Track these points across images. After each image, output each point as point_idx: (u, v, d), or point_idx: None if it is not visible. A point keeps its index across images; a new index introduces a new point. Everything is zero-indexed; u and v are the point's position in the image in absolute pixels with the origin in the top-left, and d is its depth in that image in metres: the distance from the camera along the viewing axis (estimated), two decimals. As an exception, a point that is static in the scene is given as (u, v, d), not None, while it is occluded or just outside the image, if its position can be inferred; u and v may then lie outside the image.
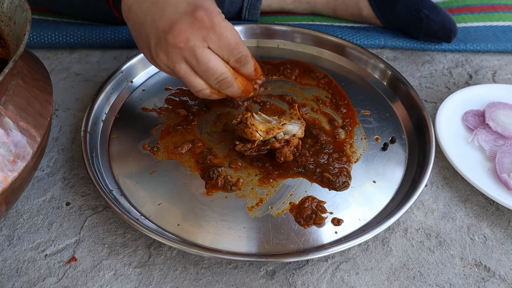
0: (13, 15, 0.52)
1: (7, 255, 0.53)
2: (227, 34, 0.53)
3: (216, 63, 0.54)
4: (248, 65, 0.58)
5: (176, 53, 0.53)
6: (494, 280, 0.52)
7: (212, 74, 0.55)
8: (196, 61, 0.53)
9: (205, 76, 0.55)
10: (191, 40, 0.52)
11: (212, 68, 0.54)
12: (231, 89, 0.58)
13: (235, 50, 0.54)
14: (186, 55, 0.53)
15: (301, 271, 0.52)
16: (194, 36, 0.52)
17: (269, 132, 0.58)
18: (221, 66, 0.55)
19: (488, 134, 0.66)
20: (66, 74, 0.76)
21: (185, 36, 0.52)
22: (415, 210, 0.59)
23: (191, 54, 0.53)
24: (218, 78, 0.55)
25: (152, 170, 0.60)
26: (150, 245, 0.54)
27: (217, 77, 0.55)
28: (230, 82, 0.57)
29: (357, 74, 0.75)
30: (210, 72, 0.54)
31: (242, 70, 0.58)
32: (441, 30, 0.79)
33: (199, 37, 0.52)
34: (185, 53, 0.53)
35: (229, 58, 0.55)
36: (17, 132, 0.48)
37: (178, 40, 0.52)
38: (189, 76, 0.55)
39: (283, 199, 0.57)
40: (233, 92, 0.58)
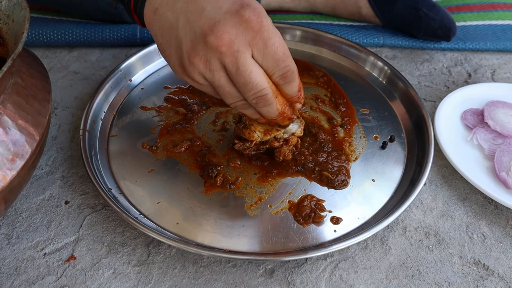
0: (12, 13, 0.52)
1: (6, 253, 0.53)
2: (274, 41, 0.46)
3: (258, 77, 0.46)
4: (293, 84, 0.49)
5: (216, 58, 0.46)
6: (492, 279, 0.52)
7: (251, 89, 0.47)
8: (235, 71, 0.46)
9: (242, 90, 0.47)
10: (235, 43, 0.45)
11: (253, 82, 0.46)
12: (268, 109, 0.50)
13: (282, 62, 0.47)
14: (226, 62, 0.46)
15: (300, 269, 0.52)
16: (239, 40, 0.45)
17: (267, 133, 0.58)
18: (263, 81, 0.47)
19: (487, 132, 0.66)
20: (65, 72, 0.76)
21: (228, 38, 0.44)
22: (414, 209, 0.59)
23: (232, 61, 0.45)
24: (257, 94, 0.47)
25: (151, 169, 0.60)
26: (149, 243, 0.54)
27: (256, 93, 0.47)
28: (269, 100, 0.49)
29: (356, 73, 0.75)
30: (249, 86, 0.47)
31: (285, 89, 0.49)
32: (440, 28, 0.79)
33: (244, 41, 0.45)
34: (226, 59, 0.45)
35: (274, 72, 0.47)
36: (15, 130, 0.48)
37: (220, 42, 0.44)
38: (227, 88, 0.48)
39: (282, 198, 0.57)
40: (269, 112, 0.50)
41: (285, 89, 0.49)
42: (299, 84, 0.51)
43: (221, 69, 0.47)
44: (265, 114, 0.51)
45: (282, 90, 0.50)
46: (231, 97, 0.49)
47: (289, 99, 0.51)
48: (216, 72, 0.47)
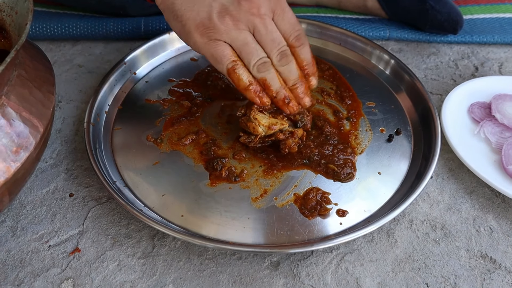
0: (15, 5, 0.52)
1: (11, 246, 0.53)
2: (289, 10, 0.56)
3: (280, 35, 0.55)
4: (306, 48, 0.57)
5: (247, 19, 0.54)
6: (499, 272, 0.52)
7: (278, 44, 0.55)
8: (265, 29, 0.54)
9: (270, 46, 0.55)
10: (262, 8, 0.54)
11: (278, 39, 0.55)
12: (290, 67, 0.56)
13: (296, 26, 0.56)
14: (256, 22, 0.54)
15: (306, 262, 0.52)
16: (265, 5, 0.54)
17: (272, 127, 0.57)
18: (282, 39, 0.55)
19: (494, 126, 0.65)
20: (69, 66, 0.76)
21: (258, 3, 0.53)
22: (420, 202, 0.58)
23: (261, 22, 0.54)
24: (281, 49, 0.55)
25: (155, 162, 0.59)
26: (153, 236, 0.54)
27: (280, 48, 0.55)
28: (289, 57, 0.56)
29: (362, 66, 0.74)
30: (276, 42, 0.55)
31: (300, 52, 0.57)
32: (447, 21, 0.78)
33: (269, 7, 0.54)
34: (255, 20, 0.54)
35: (290, 34, 0.56)
36: (19, 122, 0.47)
37: (252, 5, 0.53)
38: (252, 44, 0.54)
39: (287, 190, 0.56)
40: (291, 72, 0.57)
41: (299, 51, 0.57)
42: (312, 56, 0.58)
43: (247, 28, 0.54)
44: (287, 75, 0.56)
45: (297, 54, 0.57)
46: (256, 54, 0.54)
47: (303, 68, 0.58)
48: (243, 30, 0.54)
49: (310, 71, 0.58)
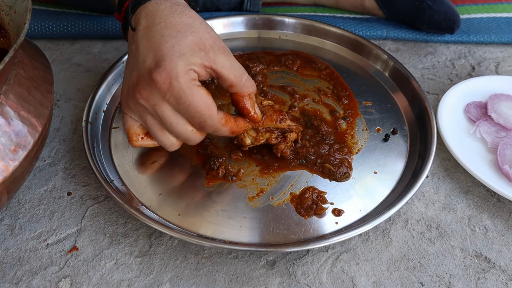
0: (14, 4, 0.52)
1: (9, 244, 0.53)
2: (185, 100, 0.48)
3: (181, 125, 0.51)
4: (220, 132, 0.53)
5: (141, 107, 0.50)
6: (494, 271, 0.52)
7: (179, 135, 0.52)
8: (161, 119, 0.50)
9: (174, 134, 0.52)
10: (150, 99, 0.49)
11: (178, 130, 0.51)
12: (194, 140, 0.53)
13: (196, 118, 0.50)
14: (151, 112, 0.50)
15: (302, 261, 0.52)
16: (153, 97, 0.49)
17: (258, 139, 0.57)
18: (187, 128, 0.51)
19: (490, 125, 0.66)
20: (68, 64, 0.76)
21: (145, 95, 0.49)
22: (416, 201, 0.59)
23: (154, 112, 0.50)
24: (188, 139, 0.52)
25: (153, 161, 0.60)
26: (151, 234, 0.54)
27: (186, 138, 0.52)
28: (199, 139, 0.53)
29: (359, 65, 0.75)
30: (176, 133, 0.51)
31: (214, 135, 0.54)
32: (444, 21, 0.79)
33: (157, 98, 0.49)
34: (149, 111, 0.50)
35: (193, 123, 0.51)
36: (18, 121, 0.48)
37: (139, 96, 0.49)
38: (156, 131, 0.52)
39: (283, 190, 0.57)
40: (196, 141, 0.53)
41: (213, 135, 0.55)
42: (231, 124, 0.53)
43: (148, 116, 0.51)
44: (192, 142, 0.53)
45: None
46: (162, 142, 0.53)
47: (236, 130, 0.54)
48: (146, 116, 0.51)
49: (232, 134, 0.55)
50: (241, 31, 0.80)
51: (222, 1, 0.84)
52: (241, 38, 0.79)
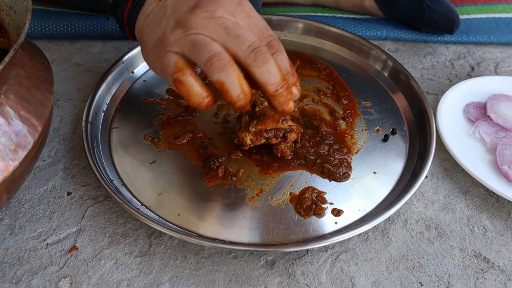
0: (14, 4, 0.52)
1: (8, 244, 0.53)
2: (255, 14, 0.48)
3: (248, 31, 0.46)
4: (282, 55, 0.48)
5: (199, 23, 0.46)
6: (493, 271, 0.52)
7: (245, 40, 0.45)
8: (224, 29, 0.45)
9: (236, 44, 0.45)
10: (218, 11, 0.45)
11: (245, 34, 0.45)
12: (268, 67, 0.45)
13: (266, 31, 0.47)
14: (211, 25, 0.45)
15: (301, 261, 0.52)
16: (222, 9, 0.46)
17: (259, 139, 0.57)
18: (254, 36, 0.46)
19: (489, 126, 0.66)
20: (67, 64, 0.76)
21: (213, 8, 0.45)
22: (415, 202, 0.59)
23: (217, 23, 0.45)
24: (253, 45, 0.45)
25: (153, 160, 0.60)
26: (150, 234, 0.54)
27: (251, 44, 0.45)
28: (266, 53, 0.45)
29: (358, 66, 0.75)
30: (242, 37, 0.45)
31: (276, 60, 0.47)
32: (444, 21, 0.79)
33: (227, 10, 0.46)
34: (209, 24, 0.45)
35: (260, 38, 0.47)
36: (18, 121, 0.48)
37: (205, 10, 0.45)
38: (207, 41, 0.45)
39: (283, 190, 0.57)
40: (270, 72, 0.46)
41: (276, 59, 0.47)
42: (290, 62, 0.50)
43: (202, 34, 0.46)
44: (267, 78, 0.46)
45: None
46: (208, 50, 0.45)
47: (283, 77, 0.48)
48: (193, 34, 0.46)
49: (291, 80, 0.50)
50: (241, 31, 0.80)
51: (222, 1, 0.84)
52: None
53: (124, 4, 0.56)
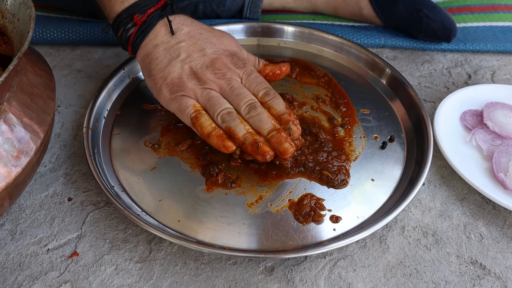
0: (17, 12, 0.53)
1: (10, 249, 0.54)
2: (256, 75, 0.60)
3: (248, 91, 0.58)
4: (277, 100, 0.59)
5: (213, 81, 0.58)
6: (489, 278, 0.53)
7: (244, 97, 0.57)
8: (230, 88, 0.58)
9: (237, 101, 0.57)
10: (228, 73, 0.59)
11: (244, 93, 0.58)
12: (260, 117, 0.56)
13: (263, 84, 0.59)
14: (222, 83, 0.58)
15: (300, 267, 0.53)
16: (231, 72, 0.59)
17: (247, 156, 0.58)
18: (251, 94, 0.58)
19: (486, 134, 0.66)
20: (68, 70, 0.77)
21: (224, 70, 0.59)
22: (412, 208, 0.59)
23: (227, 82, 0.58)
24: (248, 102, 0.57)
25: (153, 167, 0.60)
26: (150, 240, 0.55)
27: (248, 101, 0.57)
28: (259, 108, 0.57)
29: (357, 73, 0.75)
30: (242, 96, 0.57)
31: (272, 104, 0.58)
32: (441, 30, 0.80)
33: (234, 73, 0.59)
34: (221, 82, 0.58)
35: (258, 91, 0.59)
36: (20, 128, 0.48)
37: (218, 71, 0.58)
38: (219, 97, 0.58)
39: (282, 196, 0.57)
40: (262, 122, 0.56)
41: (271, 103, 0.58)
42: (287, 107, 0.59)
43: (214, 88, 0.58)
44: (258, 125, 0.56)
45: (269, 106, 0.58)
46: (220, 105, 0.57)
47: (279, 118, 0.58)
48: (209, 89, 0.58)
49: (286, 118, 0.58)
50: (240, 39, 0.80)
51: (222, 9, 0.85)
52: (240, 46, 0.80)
53: (131, 27, 0.61)
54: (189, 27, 0.62)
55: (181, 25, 0.62)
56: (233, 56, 0.60)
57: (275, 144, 0.55)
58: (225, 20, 0.85)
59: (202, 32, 0.62)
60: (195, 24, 0.63)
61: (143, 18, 0.60)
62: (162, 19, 0.61)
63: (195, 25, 0.63)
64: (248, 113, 0.57)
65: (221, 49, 0.61)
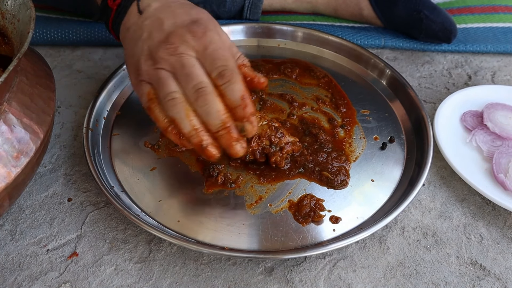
0: (17, 13, 0.53)
1: (9, 249, 0.54)
2: (215, 46, 0.50)
3: (199, 71, 0.49)
4: (233, 86, 0.48)
5: (165, 59, 0.50)
6: (489, 279, 0.53)
7: (192, 79, 0.48)
8: (180, 66, 0.49)
9: (184, 82, 0.49)
10: (179, 48, 0.49)
11: (194, 74, 0.49)
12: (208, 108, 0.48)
13: (219, 61, 0.49)
14: (172, 61, 0.49)
15: (299, 267, 0.53)
16: (184, 46, 0.50)
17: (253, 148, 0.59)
18: (202, 75, 0.49)
19: (486, 134, 0.66)
20: (69, 71, 0.77)
21: (176, 45, 0.50)
22: (412, 209, 0.59)
23: (177, 60, 0.49)
24: (196, 85, 0.48)
25: (153, 167, 0.60)
26: (150, 241, 0.55)
27: (195, 84, 0.48)
28: (209, 95, 0.48)
29: (357, 74, 0.76)
30: (190, 77, 0.49)
31: (225, 91, 0.49)
32: (441, 31, 0.80)
33: (189, 47, 0.50)
34: (172, 59, 0.50)
35: (212, 70, 0.49)
36: (20, 128, 0.48)
37: (170, 46, 0.50)
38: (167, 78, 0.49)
39: (282, 197, 0.57)
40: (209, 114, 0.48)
41: (224, 90, 0.48)
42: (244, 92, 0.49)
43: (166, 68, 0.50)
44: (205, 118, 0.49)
45: (224, 94, 0.49)
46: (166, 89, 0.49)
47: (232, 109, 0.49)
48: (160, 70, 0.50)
49: (240, 114, 0.49)
50: (240, 39, 0.80)
51: (222, 9, 0.85)
52: (240, 46, 0.80)
53: (109, 12, 0.58)
54: (160, 2, 0.55)
55: (151, 2, 0.55)
56: (192, 24, 0.51)
57: (224, 145, 0.50)
58: (226, 21, 0.85)
59: (170, 5, 0.54)
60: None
61: (117, 1, 0.57)
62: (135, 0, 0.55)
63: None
64: (195, 100, 0.49)
65: (181, 20, 0.52)
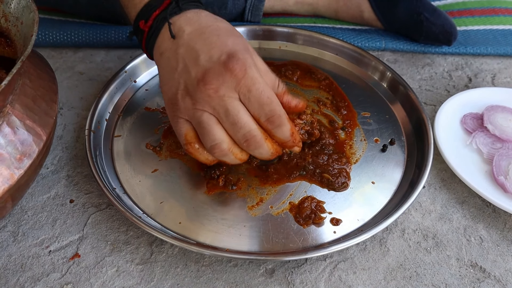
0: (21, 15, 0.53)
1: (12, 250, 0.54)
2: (258, 87, 0.49)
3: (246, 117, 0.49)
4: (283, 128, 0.51)
5: (205, 100, 0.49)
6: (489, 281, 0.53)
7: (240, 128, 0.49)
8: (224, 112, 0.49)
9: (232, 130, 0.50)
10: (220, 90, 0.48)
11: (241, 122, 0.49)
12: (260, 151, 0.51)
13: (267, 106, 0.49)
14: (214, 105, 0.49)
15: (300, 269, 0.53)
16: (225, 87, 0.48)
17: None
18: (250, 121, 0.49)
19: (486, 137, 0.67)
20: (71, 73, 0.77)
21: (216, 84, 0.48)
22: (412, 211, 0.60)
23: (219, 103, 0.49)
24: (246, 135, 0.50)
25: (154, 169, 0.61)
26: (152, 242, 0.55)
27: (245, 134, 0.49)
28: (259, 142, 0.50)
29: (357, 76, 0.76)
30: (238, 126, 0.49)
31: (275, 133, 0.51)
32: (442, 33, 0.80)
33: (229, 88, 0.48)
34: (213, 102, 0.49)
35: (260, 115, 0.49)
36: (23, 130, 0.49)
37: (209, 87, 0.48)
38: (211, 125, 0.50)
39: (283, 199, 0.58)
40: (262, 154, 0.52)
41: (275, 133, 0.51)
42: (291, 128, 0.52)
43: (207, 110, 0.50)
44: (257, 156, 0.53)
45: (273, 135, 0.51)
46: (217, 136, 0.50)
47: (283, 144, 0.53)
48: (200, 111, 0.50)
49: (290, 146, 0.54)
50: (242, 42, 0.81)
51: (224, 12, 0.85)
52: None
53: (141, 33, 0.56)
54: (192, 26, 0.52)
55: (184, 26, 0.52)
56: (229, 61, 0.48)
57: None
58: (227, 23, 0.86)
59: (204, 31, 0.52)
60: (201, 20, 0.53)
61: (149, 23, 0.54)
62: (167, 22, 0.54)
63: (200, 22, 0.53)
64: (245, 145, 0.51)
65: (218, 55, 0.49)
